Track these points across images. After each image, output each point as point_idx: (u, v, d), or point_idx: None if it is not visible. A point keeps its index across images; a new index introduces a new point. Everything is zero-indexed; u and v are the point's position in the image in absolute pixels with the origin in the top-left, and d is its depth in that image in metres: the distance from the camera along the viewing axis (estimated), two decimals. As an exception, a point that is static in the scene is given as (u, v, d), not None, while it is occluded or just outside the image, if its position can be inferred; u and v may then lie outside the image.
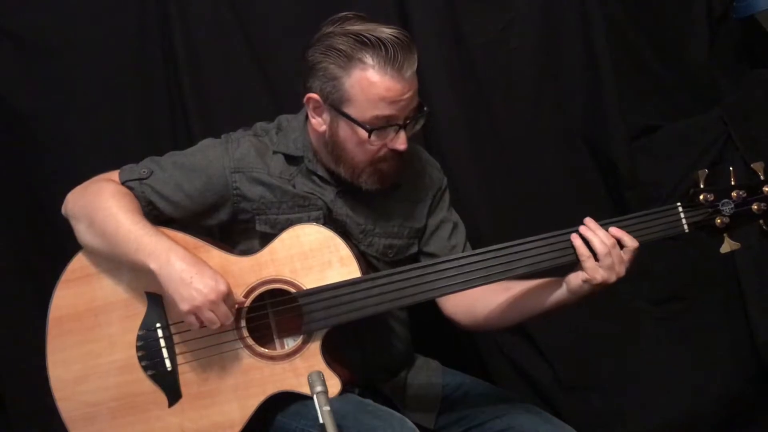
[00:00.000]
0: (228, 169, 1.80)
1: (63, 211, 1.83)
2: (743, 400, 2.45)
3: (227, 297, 1.68)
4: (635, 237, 1.68)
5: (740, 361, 2.46)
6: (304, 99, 1.77)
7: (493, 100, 2.49)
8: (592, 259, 1.65)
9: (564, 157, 2.54)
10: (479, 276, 1.71)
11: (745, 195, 1.72)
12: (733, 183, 1.74)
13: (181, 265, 1.67)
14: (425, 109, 1.77)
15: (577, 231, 1.69)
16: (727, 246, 1.74)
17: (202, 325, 1.69)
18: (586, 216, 2.48)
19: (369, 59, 1.66)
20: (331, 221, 1.83)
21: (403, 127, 1.72)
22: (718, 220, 1.72)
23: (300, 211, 1.82)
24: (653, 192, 2.48)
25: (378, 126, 1.70)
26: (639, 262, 1.71)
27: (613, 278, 1.66)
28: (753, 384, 2.45)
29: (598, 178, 2.54)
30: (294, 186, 1.82)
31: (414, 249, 1.93)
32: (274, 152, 1.84)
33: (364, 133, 1.70)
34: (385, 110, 1.68)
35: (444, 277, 1.71)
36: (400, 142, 1.72)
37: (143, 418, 1.76)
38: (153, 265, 1.68)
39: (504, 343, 2.49)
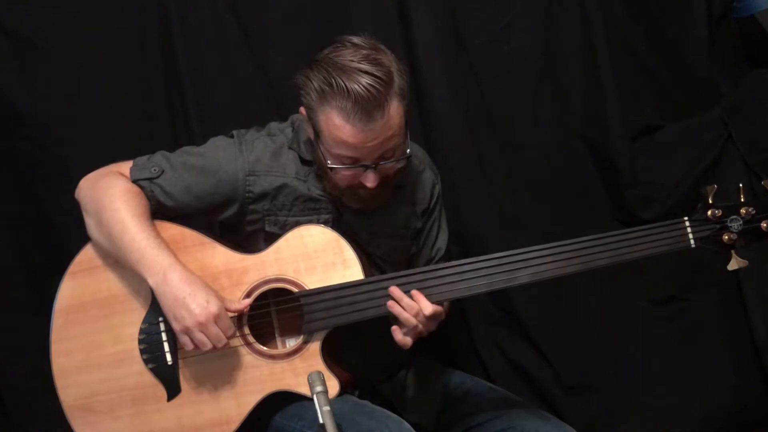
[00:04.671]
0: (242, 171, 1.80)
1: (75, 195, 1.84)
2: (743, 399, 2.45)
3: (219, 319, 1.68)
4: (640, 250, 1.70)
5: (740, 362, 2.46)
6: (299, 109, 1.78)
7: (493, 100, 2.49)
8: (398, 329, 1.70)
9: (564, 157, 2.54)
10: (482, 283, 1.71)
11: (754, 212, 1.71)
12: (742, 199, 1.74)
13: (176, 284, 1.68)
14: (408, 151, 1.74)
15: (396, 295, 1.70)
16: (735, 263, 1.74)
17: (195, 347, 1.70)
18: (585, 217, 2.51)
19: (336, 102, 1.63)
20: (340, 224, 1.83)
21: (374, 167, 1.70)
22: (726, 237, 1.72)
23: (310, 213, 1.83)
24: (653, 192, 2.48)
25: (344, 164, 1.70)
26: (639, 262, 1.72)
27: (421, 336, 1.71)
28: (753, 384, 2.45)
29: (598, 178, 2.54)
30: (308, 188, 1.83)
31: (414, 249, 1.95)
32: (289, 148, 1.84)
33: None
34: (348, 152, 1.68)
35: (446, 283, 1.72)
36: (369, 181, 1.71)
37: (142, 410, 1.77)
38: (150, 281, 1.70)
39: (504, 343, 2.49)
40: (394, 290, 1.70)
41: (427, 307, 1.68)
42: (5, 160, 2.34)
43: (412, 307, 1.68)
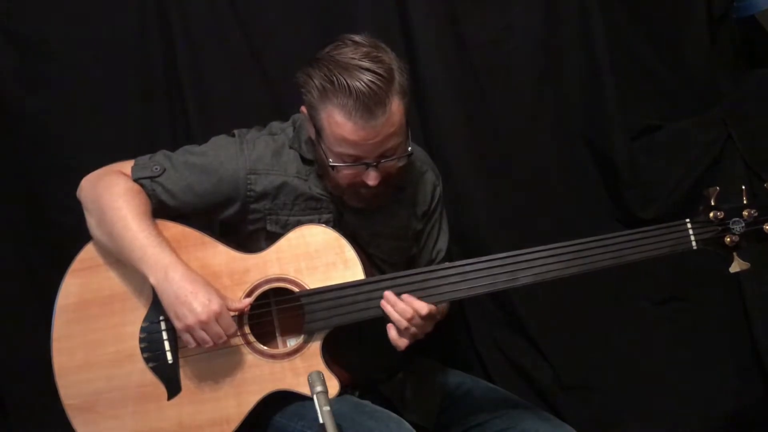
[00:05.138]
0: (243, 170, 1.80)
1: (77, 194, 1.85)
2: (743, 400, 2.45)
3: (221, 317, 1.69)
4: (642, 252, 1.70)
5: (740, 361, 2.46)
6: (300, 108, 1.78)
7: (493, 101, 2.49)
8: (394, 329, 1.70)
9: (564, 156, 2.54)
10: (484, 283, 1.71)
11: (756, 214, 1.71)
12: (745, 201, 1.74)
13: (177, 283, 1.68)
14: (409, 149, 1.74)
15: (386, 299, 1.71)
16: (737, 266, 1.74)
17: (197, 344, 1.70)
18: (585, 216, 2.51)
19: (337, 100, 1.64)
20: (341, 224, 1.83)
21: (375, 165, 1.70)
22: (728, 239, 1.72)
23: (311, 213, 1.83)
24: (653, 192, 2.48)
25: (345, 162, 1.70)
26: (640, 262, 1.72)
27: (416, 338, 1.72)
28: (753, 385, 2.45)
29: (598, 178, 2.55)
30: (309, 187, 1.83)
31: (414, 250, 1.95)
32: (290, 147, 1.84)
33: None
34: (349, 150, 1.68)
35: (448, 283, 1.72)
36: (370, 179, 1.71)
37: (142, 409, 1.77)
38: (152, 279, 1.70)
39: (504, 343, 2.49)
40: (389, 295, 1.70)
41: (423, 308, 1.68)
42: (5, 160, 2.34)
43: (406, 311, 1.68)
